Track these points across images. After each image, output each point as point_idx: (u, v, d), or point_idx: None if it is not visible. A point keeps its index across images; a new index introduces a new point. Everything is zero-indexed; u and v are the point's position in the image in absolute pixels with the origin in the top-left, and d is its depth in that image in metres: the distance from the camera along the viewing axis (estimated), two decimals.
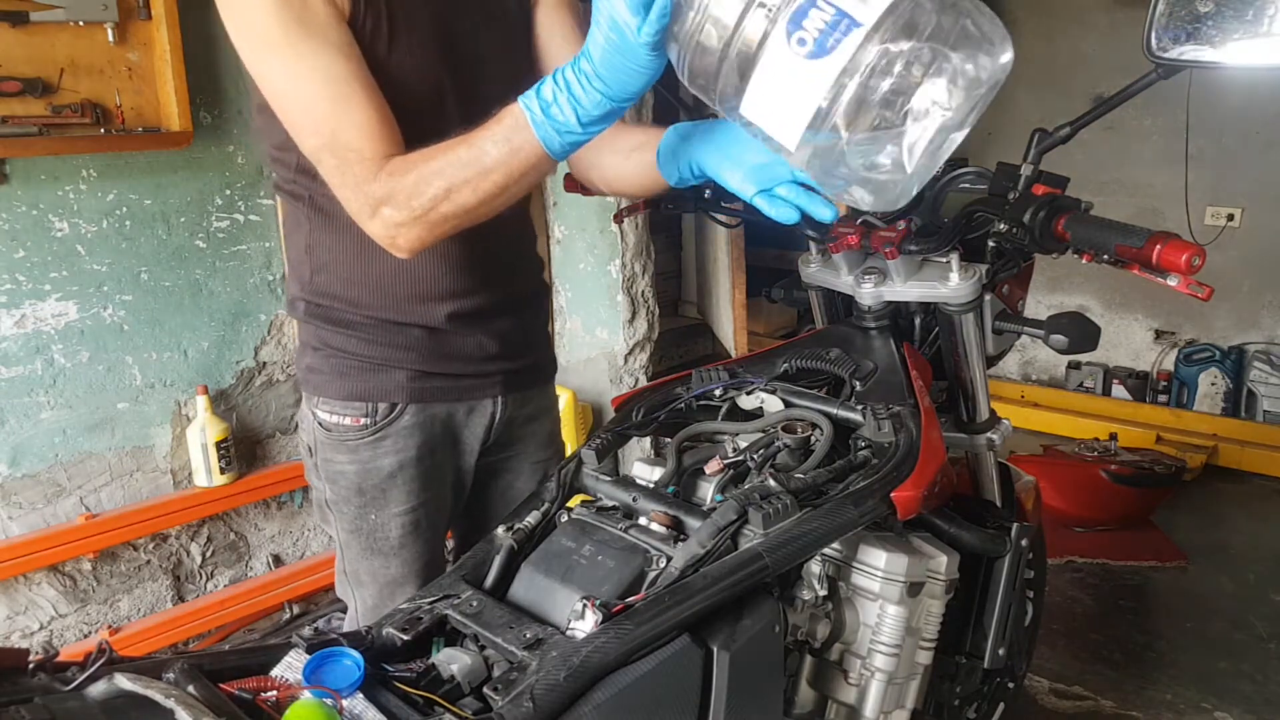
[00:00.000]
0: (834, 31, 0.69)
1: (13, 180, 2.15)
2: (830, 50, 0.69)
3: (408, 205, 1.04)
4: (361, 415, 1.29)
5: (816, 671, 1.26)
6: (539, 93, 0.95)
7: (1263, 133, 3.89)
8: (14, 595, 2.30)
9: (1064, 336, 1.28)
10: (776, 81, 0.73)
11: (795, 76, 0.72)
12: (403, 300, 1.27)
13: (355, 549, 1.36)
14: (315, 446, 1.34)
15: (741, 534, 1.03)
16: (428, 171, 1.03)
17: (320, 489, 1.36)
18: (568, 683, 0.84)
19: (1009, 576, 1.51)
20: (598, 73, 0.90)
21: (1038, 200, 1.23)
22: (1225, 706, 2.31)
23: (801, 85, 0.72)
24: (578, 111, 0.93)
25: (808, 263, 1.50)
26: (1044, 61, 4.41)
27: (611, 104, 0.92)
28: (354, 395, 1.29)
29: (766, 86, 0.75)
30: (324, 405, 1.31)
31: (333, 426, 1.31)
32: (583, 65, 0.91)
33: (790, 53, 0.71)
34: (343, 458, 1.32)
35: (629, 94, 0.91)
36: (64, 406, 2.30)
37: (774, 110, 0.75)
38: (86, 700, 0.77)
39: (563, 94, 0.93)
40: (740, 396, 1.33)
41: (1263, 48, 1.15)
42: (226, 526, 2.67)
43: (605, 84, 0.90)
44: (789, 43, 0.71)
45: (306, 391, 1.34)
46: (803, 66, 0.71)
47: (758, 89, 0.76)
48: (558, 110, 0.94)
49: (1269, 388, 3.99)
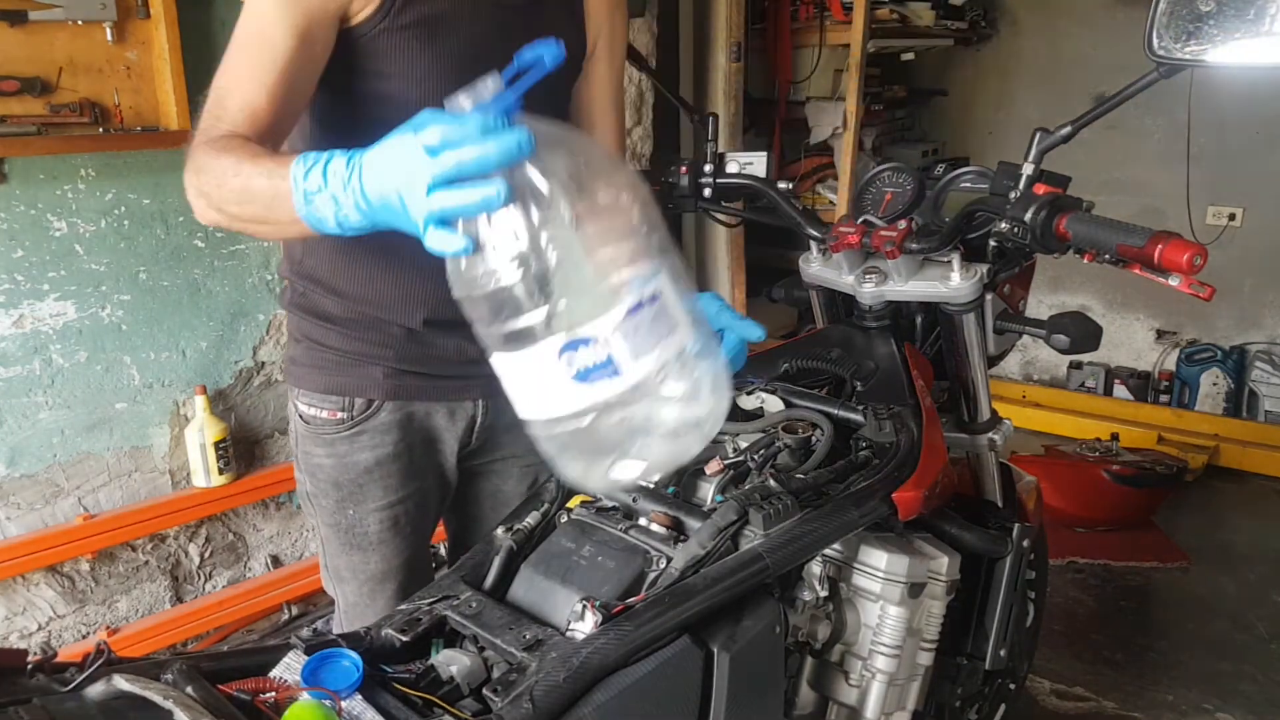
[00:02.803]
0: (599, 370, 0.74)
1: (11, 179, 2.14)
2: (590, 381, 0.74)
3: (206, 183, 0.99)
4: (338, 409, 1.30)
5: (817, 673, 1.25)
6: (307, 175, 0.86)
7: (1264, 132, 3.88)
8: (12, 596, 2.29)
9: (1065, 336, 1.28)
10: (535, 373, 0.77)
11: (553, 382, 0.76)
12: (385, 295, 1.27)
13: (335, 544, 1.37)
14: (297, 439, 1.36)
15: (742, 535, 1.02)
16: (226, 166, 0.97)
17: (302, 481, 1.38)
18: (567, 684, 0.84)
19: (1010, 577, 1.51)
20: (369, 203, 0.82)
21: (1039, 200, 1.22)
22: (1227, 707, 2.31)
23: (554, 391, 0.76)
24: (338, 218, 0.86)
25: (808, 262, 1.50)
26: (1045, 61, 4.42)
27: (375, 228, 0.85)
28: (331, 389, 1.29)
29: (525, 368, 0.78)
30: (303, 397, 1.32)
31: (311, 419, 1.32)
32: (354, 183, 0.83)
33: (557, 363, 0.75)
34: (320, 451, 1.32)
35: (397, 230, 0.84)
36: (62, 407, 2.30)
37: (523, 388, 0.79)
38: (85, 701, 0.77)
39: (325, 193, 0.85)
40: (740, 396, 1.33)
41: (1264, 47, 1.15)
42: (225, 527, 2.67)
43: (370, 217, 0.84)
44: (559, 356, 0.75)
45: (289, 383, 1.35)
46: (563, 378, 0.75)
47: (516, 363, 0.78)
48: (319, 205, 0.86)
49: (1270, 388, 3.99)
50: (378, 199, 0.82)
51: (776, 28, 3.93)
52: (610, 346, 0.74)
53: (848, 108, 3.65)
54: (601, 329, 0.74)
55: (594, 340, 0.74)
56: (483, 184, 0.75)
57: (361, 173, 0.83)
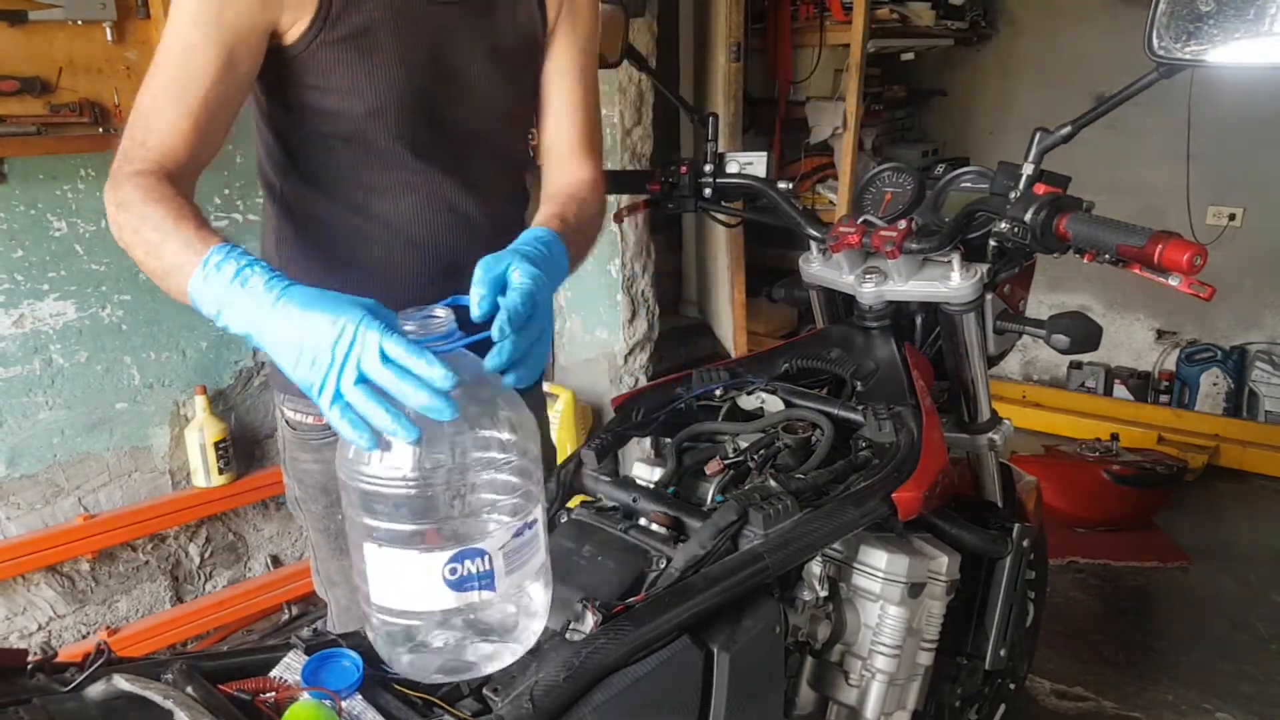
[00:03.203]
0: (476, 580, 0.81)
1: (11, 179, 2.14)
2: (463, 590, 0.81)
3: (124, 219, 0.99)
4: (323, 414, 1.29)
5: (817, 673, 1.25)
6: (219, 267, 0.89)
7: (1264, 132, 3.88)
8: (12, 596, 2.29)
9: (1065, 336, 1.28)
10: (408, 571, 0.81)
11: (426, 582, 0.80)
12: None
13: (325, 548, 1.36)
14: (284, 444, 1.35)
15: (742, 535, 1.02)
16: (149, 216, 0.97)
17: (290, 486, 1.37)
18: (567, 684, 0.84)
19: (1010, 577, 1.51)
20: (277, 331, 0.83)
21: (1039, 199, 1.22)
22: (1227, 707, 2.31)
23: (425, 591, 0.81)
24: (227, 326, 0.89)
25: (809, 262, 1.50)
26: (1045, 61, 4.41)
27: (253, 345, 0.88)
28: None
29: (399, 564, 0.81)
30: (288, 402, 1.31)
31: (297, 424, 1.31)
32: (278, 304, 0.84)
33: (441, 567, 0.80)
34: (307, 456, 1.31)
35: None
36: (62, 407, 2.30)
37: (389, 579, 0.82)
38: (85, 701, 0.77)
39: (224, 310, 0.88)
40: (741, 396, 1.33)
41: (1264, 47, 1.15)
42: (225, 527, 2.67)
43: (259, 340, 0.86)
44: (445, 564, 0.80)
45: (274, 387, 1.34)
46: (437, 581, 0.80)
47: (390, 557, 0.81)
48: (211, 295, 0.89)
49: (1270, 388, 3.99)
50: (292, 344, 0.82)
51: (776, 28, 3.93)
52: (494, 562, 0.81)
53: (848, 108, 3.65)
54: (491, 545, 0.81)
55: (484, 554, 0.81)
56: (401, 419, 0.77)
57: (288, 303, 0.83)
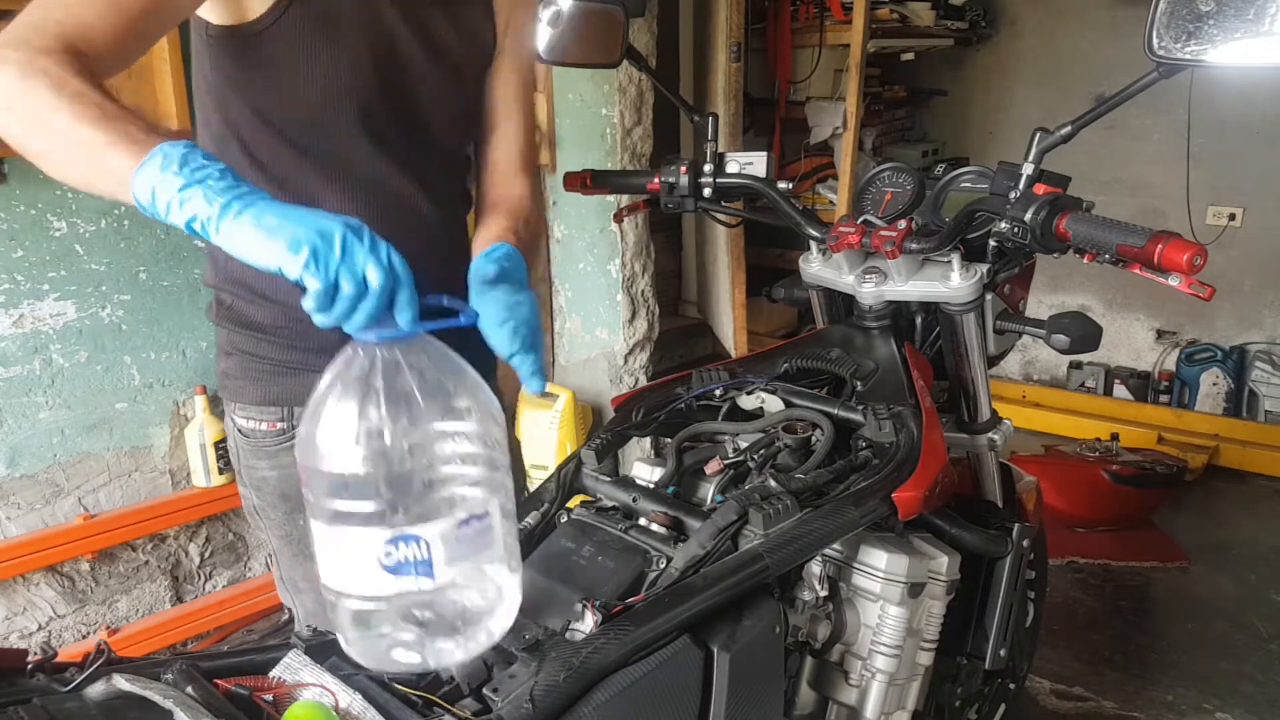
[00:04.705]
0: (413, 567, 0.78)
1: (11, 179, 2.14)
2: (399, 575, 0.78)
3: (17, 100, 0.86)
4: (278, 420, 1.27)
5: (817, 672, 1.25)
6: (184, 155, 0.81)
7: (1264, 132, 3.88)
8: (12, 596, 2.29)
9: (1065, 336, 1.28)
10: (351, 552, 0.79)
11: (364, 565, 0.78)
12: None
13: (288, 555, 1.34)
14: (238, 453, 1.32)
15: (742, 535, 1.02)
16: (52, 100, 0.85)
17: (247, 495, 1.34)
18: (567, 684, 0.84)
19: (1010, 577, 1.51)
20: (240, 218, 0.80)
21: (1039, 199, 1.22)
22: (1227, 707, 2.31)
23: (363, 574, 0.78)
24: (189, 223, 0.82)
25: (808, 262, 1.50)
26: (1045, 60, 4.41)
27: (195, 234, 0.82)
28: (269, 400, 1.26)
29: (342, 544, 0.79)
30: (240, 411, 1.29)
31: (250, 433, 1.29)
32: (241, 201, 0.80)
33: (378, 549, 0.77)
34: (264, 464, 1.29)
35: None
36: (62, 406, 2.30)
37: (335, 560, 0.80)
38: (85, 701, 0.77)
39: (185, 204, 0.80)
40: (740, 396, 1.33)
41: (1264, 47, 1.15)
42: (225, 527, 2.67)
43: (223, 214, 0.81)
44: (382, 545, 0.77)
45: (225, 397, 1.31)
46: (374, 564, 0.77)
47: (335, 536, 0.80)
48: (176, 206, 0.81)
49: (1270, 388, 3.99)
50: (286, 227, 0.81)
51: (776, 28, 3.94)
52: (432, 550, 0.78)
53: (848, 108, 3.65)
54: (429, 532, 0.78)
55: (420, 540, 0.78)
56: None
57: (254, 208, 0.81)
